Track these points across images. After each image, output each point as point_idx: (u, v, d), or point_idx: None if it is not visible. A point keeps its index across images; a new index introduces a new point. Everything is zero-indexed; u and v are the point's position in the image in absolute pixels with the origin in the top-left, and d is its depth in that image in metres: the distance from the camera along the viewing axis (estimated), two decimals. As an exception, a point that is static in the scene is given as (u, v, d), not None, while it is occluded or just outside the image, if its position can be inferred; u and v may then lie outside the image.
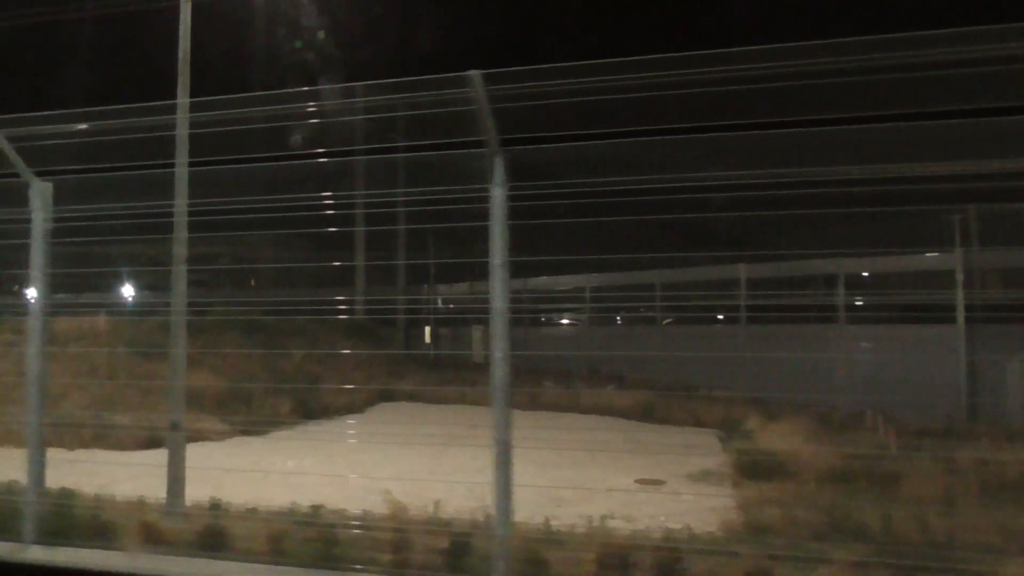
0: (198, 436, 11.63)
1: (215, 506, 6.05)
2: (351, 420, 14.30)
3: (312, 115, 5.83)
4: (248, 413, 12.86)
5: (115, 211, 6.15)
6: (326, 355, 16.14)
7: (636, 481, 8.92)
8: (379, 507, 5.96)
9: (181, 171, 6.59)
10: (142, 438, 11.14)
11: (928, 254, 15.51)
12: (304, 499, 6.37)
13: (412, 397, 15.95)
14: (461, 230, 5.99)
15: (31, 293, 5.71)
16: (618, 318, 20.82)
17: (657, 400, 14.32)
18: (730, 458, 10.17)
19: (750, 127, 4.54)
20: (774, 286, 17.47)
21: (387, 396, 15.92)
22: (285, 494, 6.60)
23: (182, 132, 6.57)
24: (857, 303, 16.50)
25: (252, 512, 5.48)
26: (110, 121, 6.24)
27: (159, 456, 10.71)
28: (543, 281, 22.08)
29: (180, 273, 6.56)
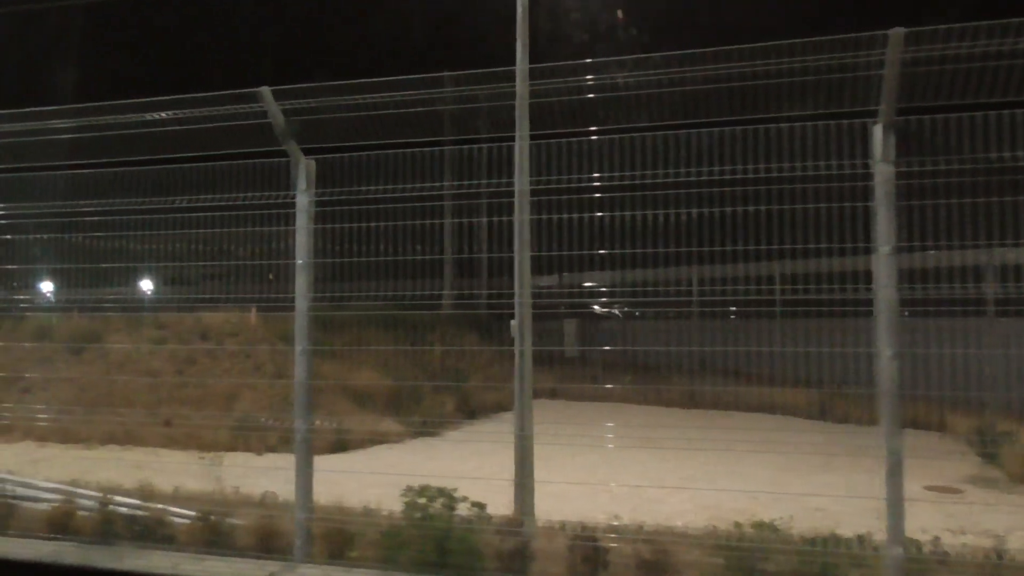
0: (380, 439, 10.91)
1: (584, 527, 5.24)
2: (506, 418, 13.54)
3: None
4: (415, 413, 12.07)
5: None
6: (458, 351, 15.35)
7: (926, 488, 8.18)
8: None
9: (523, 144, 5.81)
10: (329, 442, 10.37)
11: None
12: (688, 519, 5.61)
13: (552, 394, 15.16)
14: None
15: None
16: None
17: (825, 397, 13.57)
18: (988, 462, 9.47)
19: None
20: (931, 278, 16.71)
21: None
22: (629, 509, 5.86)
23: (522, 102, 5.79)
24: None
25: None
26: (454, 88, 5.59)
27: (353, 460, 9.99)
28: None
29: (525, 260, 5.79)
